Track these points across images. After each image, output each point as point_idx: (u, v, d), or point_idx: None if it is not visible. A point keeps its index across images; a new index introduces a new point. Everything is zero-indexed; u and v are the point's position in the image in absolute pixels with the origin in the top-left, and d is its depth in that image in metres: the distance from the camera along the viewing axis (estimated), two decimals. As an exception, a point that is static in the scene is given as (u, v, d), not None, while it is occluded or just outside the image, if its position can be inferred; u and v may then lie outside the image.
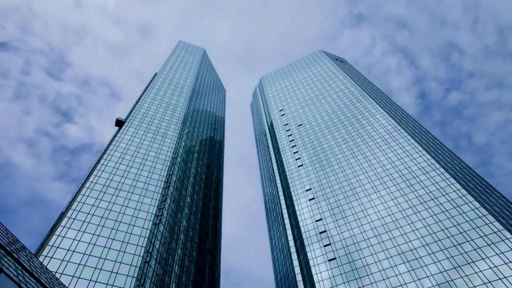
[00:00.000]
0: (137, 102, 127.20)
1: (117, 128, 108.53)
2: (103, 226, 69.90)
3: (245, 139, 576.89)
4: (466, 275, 61.45)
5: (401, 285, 65.56)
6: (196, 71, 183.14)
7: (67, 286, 53.38)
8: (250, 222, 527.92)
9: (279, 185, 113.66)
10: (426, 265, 66.48)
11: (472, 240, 66.52)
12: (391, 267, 69.51)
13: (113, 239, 68.04)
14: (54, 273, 56.80)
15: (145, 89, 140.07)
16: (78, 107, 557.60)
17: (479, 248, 64.69)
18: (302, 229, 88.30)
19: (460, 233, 68.85)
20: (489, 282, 58.85)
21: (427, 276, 64.56)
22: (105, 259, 63.45)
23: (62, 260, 60.00)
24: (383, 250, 73.39)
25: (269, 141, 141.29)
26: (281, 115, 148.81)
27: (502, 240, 63.89)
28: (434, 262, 66.19)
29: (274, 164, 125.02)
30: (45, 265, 57.78)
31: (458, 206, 74.11)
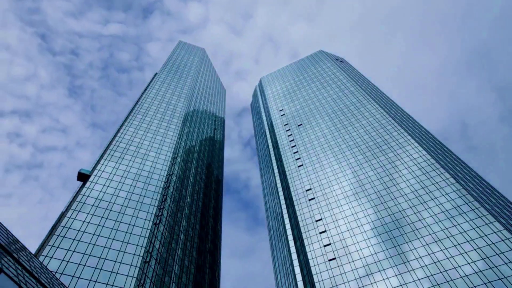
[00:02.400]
0: (137, 102, 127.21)
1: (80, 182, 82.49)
2: (103, 226, 69.92)
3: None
4: (466, 275, 61.45)
5: (401, 285, 65.57)
6: (196, 71, 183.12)
7: (67, 286, 53.39)
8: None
9: (279, 185, 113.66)
10: (426, 265, 66.49)
11: (472, 240, 66.52)
12: (391, 267, 69.52)
13: (113, 239, 68.05)
14: (54, 273, 56.80)
15: (145, 89, 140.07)
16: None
17: (479, 248, 64.68)
18: (302, 229, 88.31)
19: (460, 233, 68.85)
20: (489, 282, 58.85)
21: (427, 276, 64.57)
22: (105, 259, 63.46)
23: (62, 260, 60.01)
24: (383, 250, 73.40)
25: (269, 141, 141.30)
26: (281, 115, 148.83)
27: (502, 240, 63.89)
28: (434, 262, 66.19)
29: (274, 164, 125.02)
30: (45, 265, 57.78)
31: (458, 206, 74.11)
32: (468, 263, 63.14)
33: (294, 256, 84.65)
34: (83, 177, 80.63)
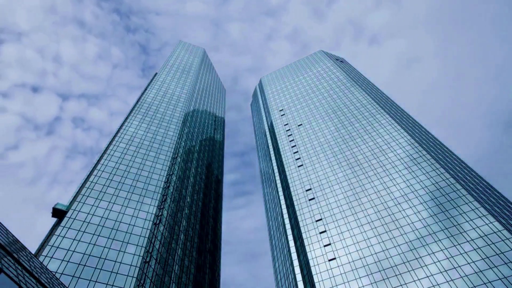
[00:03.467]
0: (137, 102, 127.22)
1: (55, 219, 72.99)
2: (103, 226, 69.92)
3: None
4: (466, 275, 61.46)
5: (401, 285, 65.58)
6: (196, 71, 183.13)
7: (67, 286, 53.40)
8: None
9: (279, 185, 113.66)
10: (426, 265, 66.50)
11: (472, 240, 66.53)
12: (391, 267, 69.53)
13: (113, 239, 68.06)
14: (54, 273, 56.79)
15: (145, 89, 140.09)
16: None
17: (479, 248, 64.69)
18: (302, 229, 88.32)
19: (460, 233, 68.86)
20: (489, 282, 58.86)
21: (427, 276, 64.58)
22: (105, 259, 63.47)
23: (62, 260, 60.02)
24: (383, 250, 73.42)
25: (269, 141, 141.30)
26: (281, 115, 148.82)
27: (502, 240, 63.90)
28: (434, 262, 66.20)
29: (274, 164, 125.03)
30: (45, 265, 57.78)
31: (458, 206, 74.12)
32: (468, 263, 63.14)
33: (294, 256, 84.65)
34: (59, 213, 70.44)
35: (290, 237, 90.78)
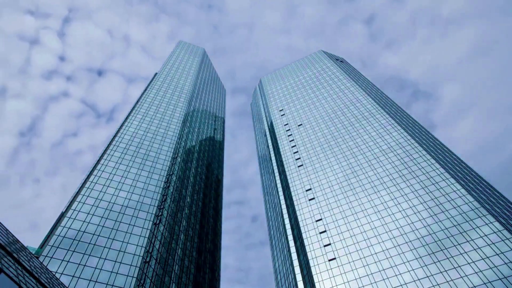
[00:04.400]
0: (137, 102, 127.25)
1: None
2: (103, 226, 69.94)
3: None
4: (466, 275, 61.46)
5: (401, 285, 65.57)
6: (196, 71, 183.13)
7: (67, 286, 53.40)
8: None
9: (279, 185, 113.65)
10: (426, 265, 66.50)
11: (472, 240, 66.53)
12: (391, 267, 69.53)
13: (113, 239, 68.07)
14: (54, 273, 56.79)
15: (145, 89, 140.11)
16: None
17: (479, 248, 64.69)
18: (302, 229, 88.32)
19: (460, 233, 68.86)
20: (489, 282, 58.85)
21: (427, 276, 64.58)
22: (105, 259, 63.48)
23: (62, 260, 60.03)
24: (383, 250, 73.41)
25: (269, 141, 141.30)
26: (281, 115, 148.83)
27: (502, 240, 63.90)
28: (434, 262, 66.20)
29: (274, 164, 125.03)
30: (45, 265, 57.79)
31: (458, 206, 74.13)
32: (468, 263, 63.14)
33: (294, 256, 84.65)
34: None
35: (290, 237, 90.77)
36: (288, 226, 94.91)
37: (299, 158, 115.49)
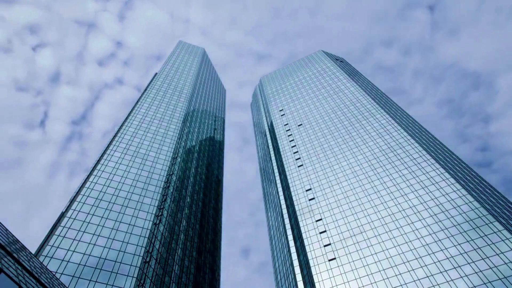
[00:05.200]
0: (137, 102, 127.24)
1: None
2: (103, 226, 69.92)
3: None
4: (466, 275, 61.45)
5: (401, 285, 65.56)
6: (196, 71, 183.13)
7: (67, 286, 53.39)
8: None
9: (279, 185, 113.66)
10: (426, 265, 66.49)
11: (472, 240, 66.52)
12: (391, 267, 69.52)
13: (113, 239, 68.06)
14: (54, 273, 56.81)
15: (145, 89, 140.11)
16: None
17: (479, 248, 64.68)
18: (302, 229, 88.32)
19: (460, 233, 68.85)
20: (489, 282, 58.84)
21: (427, 276, 64.57)
22: (105, 259, 63.47)
23: (62, 260, 60.02)
24: (383, 250, 73.41)
25: (269, 141, 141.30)
26: (281, 115, 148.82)
27: (502, 240, 63.90)
28: (434, 262, 66.19)
29: (274, 164, 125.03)
30: (45, 265, 57.77)
31: (458, 206, 74.11)
32: (468, 263, 63.14)
33: (294, 256, 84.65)
34: None
35: (290, 237, 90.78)
36: (288, 226, 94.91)
37: (299, 158, 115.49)
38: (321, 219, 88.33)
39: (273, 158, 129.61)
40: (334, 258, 76.78)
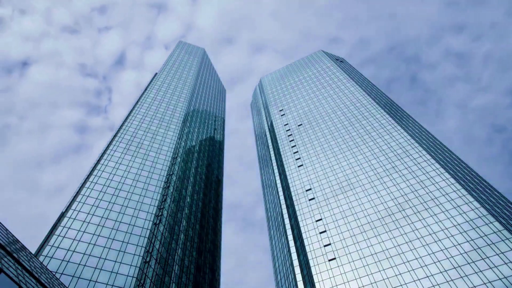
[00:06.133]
0: (137, 102, 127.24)
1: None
2: (103, 226, 69.92)
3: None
4: (466, 275, 61.45)
5: (401, 285, 65.55)
6: (196, 71, 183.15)
7: (67, 286, 53.39)
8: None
9: (279, 185, 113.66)
10: (426, 265, 66.49)
11: (472, 240, 66.52)
12: (391, 267, 69.52)
13: (113, 239, 68.06)
14: (54, 273, 56.81)
15: (145, 89, 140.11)
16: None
17: (479, 248, 64.68)
18: (302, 229, 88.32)
19: (460, 233, 68.85)
20: (489, 282, 58.85)
21: (427, 276, 64.57)
22: (105, 259, 63.47)
23: (62, 260, 60.02)
24: (383, 250, 73.41)
25: (269, 141, 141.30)
26: (281, 115, 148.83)
27: (502, 240, 63.90)
28: (434, 262, 66.19)
29: (274, 164, 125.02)
30: (45, 265, 57.77)
31: (458, 206, 74.11)
32: (468, 263, 63.14)
33: (294, 256, 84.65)
34: None
35: (290, 237, 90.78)
36: (288, 226, 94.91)
37: (299, 158, 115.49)
38: (321, 219, 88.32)
39: (273, 158, 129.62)
40: (334, 258, 76.78)
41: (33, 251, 65.20)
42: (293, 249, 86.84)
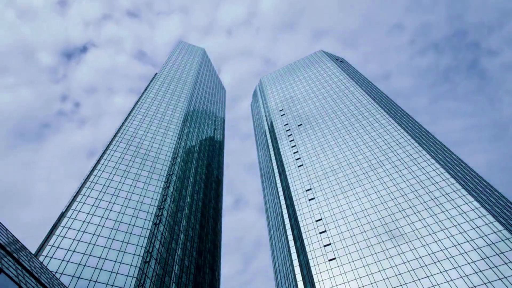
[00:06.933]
0: (137, 102, 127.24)
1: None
2: (103, 226, 69.92)
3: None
4: (466, 275, 61.45)
5: (401, 285, 65.56)
6: (196, 71, 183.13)
7: (67, 286, 53.39)
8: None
9: (279, 185, 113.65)
10: (426, 265, 66.49)
11: (472, 240, 66.52)
12: (391, 267, 69.52)
13: (113, 239, 68.05)
14: (54, 273, 56.82)
15: (145, 89, 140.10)
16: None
17: (479, 248, 64.68)
18: (302, 229, 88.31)
19: (460, 233, 68.85)
20: (489, 282, 58.85)
21: (427, 276, 64.57)
22: (105, 259, 63.47)
23: (62, 260, 60.02)
24: (383, 250, 73.40)
25: (269, 141, 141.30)
26: (281, 115, 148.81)
27: (502, 240, 63.89)
28: (434, 262, 66.19)
29: (274, 164, 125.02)
30: (45, 265, 57.78)
31: (458, 206, 74.12)
32: (468, 263, 63.14)
33: (294, 256, 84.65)
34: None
35: (290, 237, 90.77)
36: (288, 226, 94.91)
37: (299, 158, 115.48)
38: (321, 219, 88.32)
39: (273, 158, 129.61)
40: (334, 258, 76.78)
41: (33, 251, 65.21)
42: (293, 249, 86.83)
